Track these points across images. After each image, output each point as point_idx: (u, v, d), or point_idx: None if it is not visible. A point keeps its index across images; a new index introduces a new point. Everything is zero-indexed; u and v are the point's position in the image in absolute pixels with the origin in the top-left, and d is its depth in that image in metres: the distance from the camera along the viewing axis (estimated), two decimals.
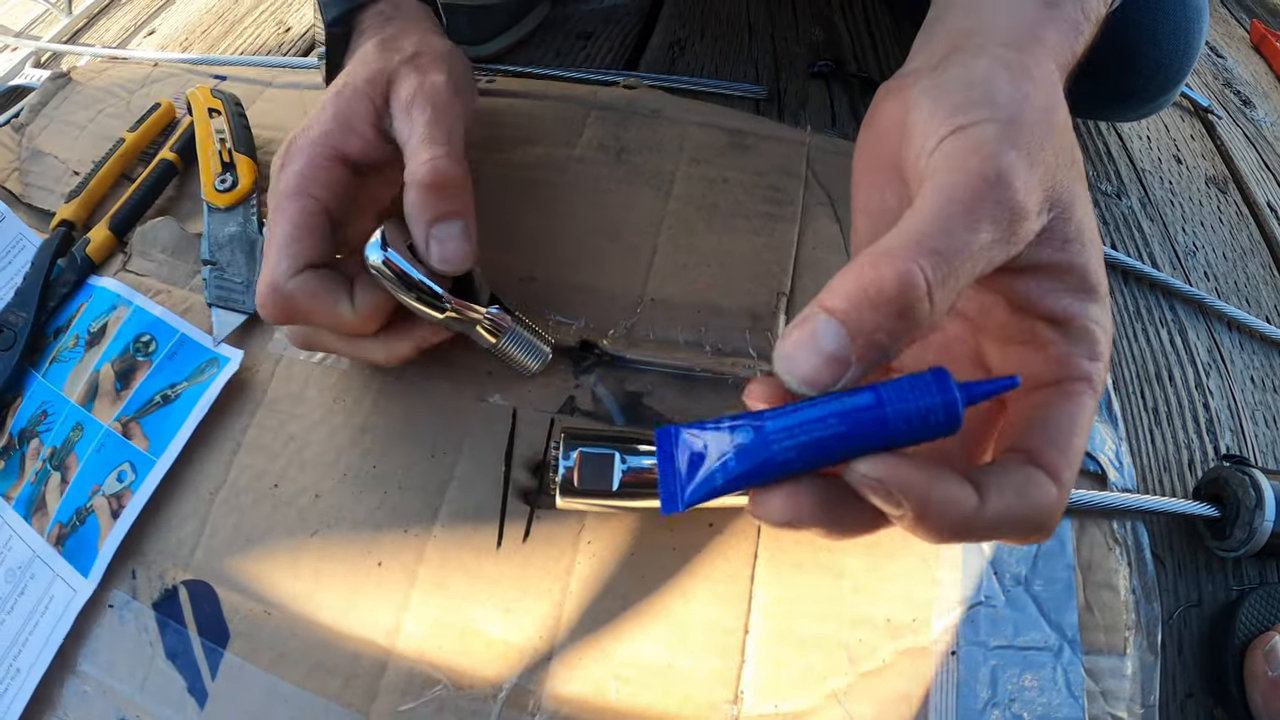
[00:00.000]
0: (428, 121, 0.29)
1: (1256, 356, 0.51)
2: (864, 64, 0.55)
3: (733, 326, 0.33)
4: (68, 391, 0.38)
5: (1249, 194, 0.65)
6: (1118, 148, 0.61)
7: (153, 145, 0.47)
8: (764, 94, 0.48)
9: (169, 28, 0.68)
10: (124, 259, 0.42)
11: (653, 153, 0.37)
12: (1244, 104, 0.80)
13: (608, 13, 0.56)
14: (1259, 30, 0.94)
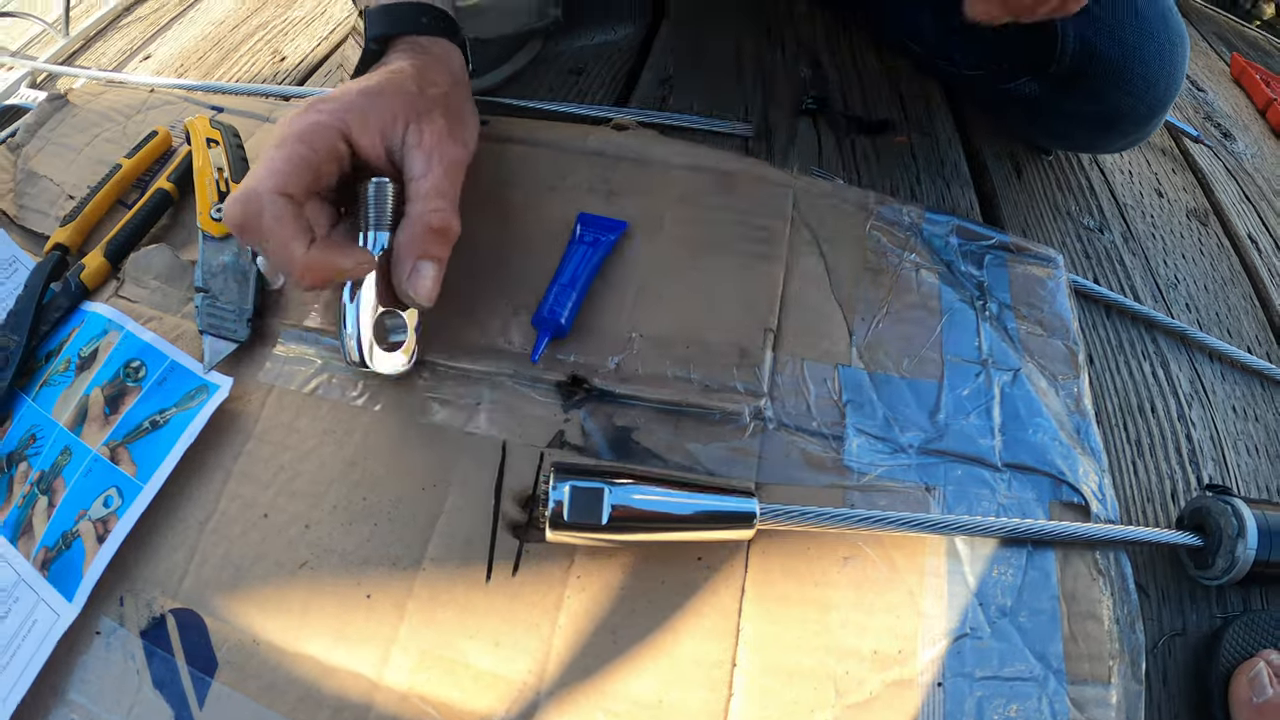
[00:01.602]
0: (443, 173, 0.32)
1: (1238, 386, 0.52)
2: (850, 101, 0.56)
3: (720, 362, 0.33)
4: (57, 415, 0.37)
5: (1230, 226, 0.66)
6: (1100, 183, 0.62)
7: (148, 172, 0.48)
8: (753, 132, 0.49)
9: (165, 53, 0.69)
10: (117, 285, 0.42)
11: (642, 195, 0.38)
12: (1224, 136, 0.81)
13: (599, 49, 0.56)
14: (1239, 63, 0.96)
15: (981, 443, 0.34)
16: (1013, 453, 0.34)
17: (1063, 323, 0.41)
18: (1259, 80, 0.92)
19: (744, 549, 0.29)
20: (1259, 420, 0.51)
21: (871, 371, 0.34)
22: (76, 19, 0.78)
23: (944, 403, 0.34)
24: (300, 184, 0.30)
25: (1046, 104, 0.52)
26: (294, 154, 0.30)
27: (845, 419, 0.33)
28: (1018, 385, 0.37)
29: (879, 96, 0.58)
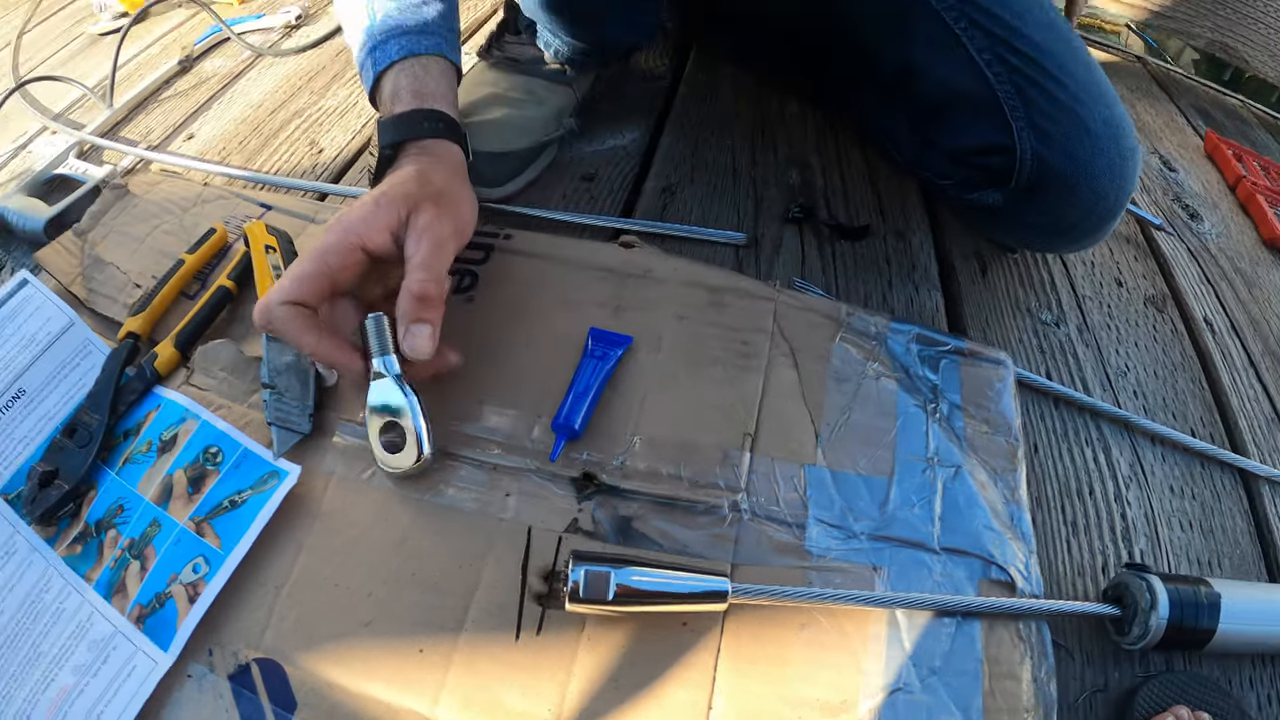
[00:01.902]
0: (429, 250, 0.43)
1: (1178, 467, 0.62)
2: (833, 207, 0.67)
3: (706, 462, 0.43)
4: (142, 490, 0.47)
5: (1187, 309, 0.77)
6: (1061, 276, 0.73)
7: (208, 266, 0.58)
8: (744, 241, 0.60)
9: (207, 133, 0.80)
10: (187, 373, 0.52)
11: (645, 310, 0.48)
12: (1191, 217, 0.92)
13: (608, 154, 0.68)
14: (1212, 140, 1.08)
15: (922, 530, 0.44)
16: (950, 538, 0.45)
17: (1006, 421, 0.51)
18: (1230, 156, 1.04)
19: (720, 617, 0.39)
20: (1195, 498, 0.61)
21: (833, 470, 0.45)
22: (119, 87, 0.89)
23: (892, 496, 0.45)
24: (313, 293, 0.42)
25: (1008, 213, 0.62)
26: (307, 270, 0.42)
27: (808, 510, 0.43)
28: (959, 479, 0.47)
29: (860, 201, 0.69)
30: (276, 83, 0.87)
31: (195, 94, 0.89)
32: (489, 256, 0.52)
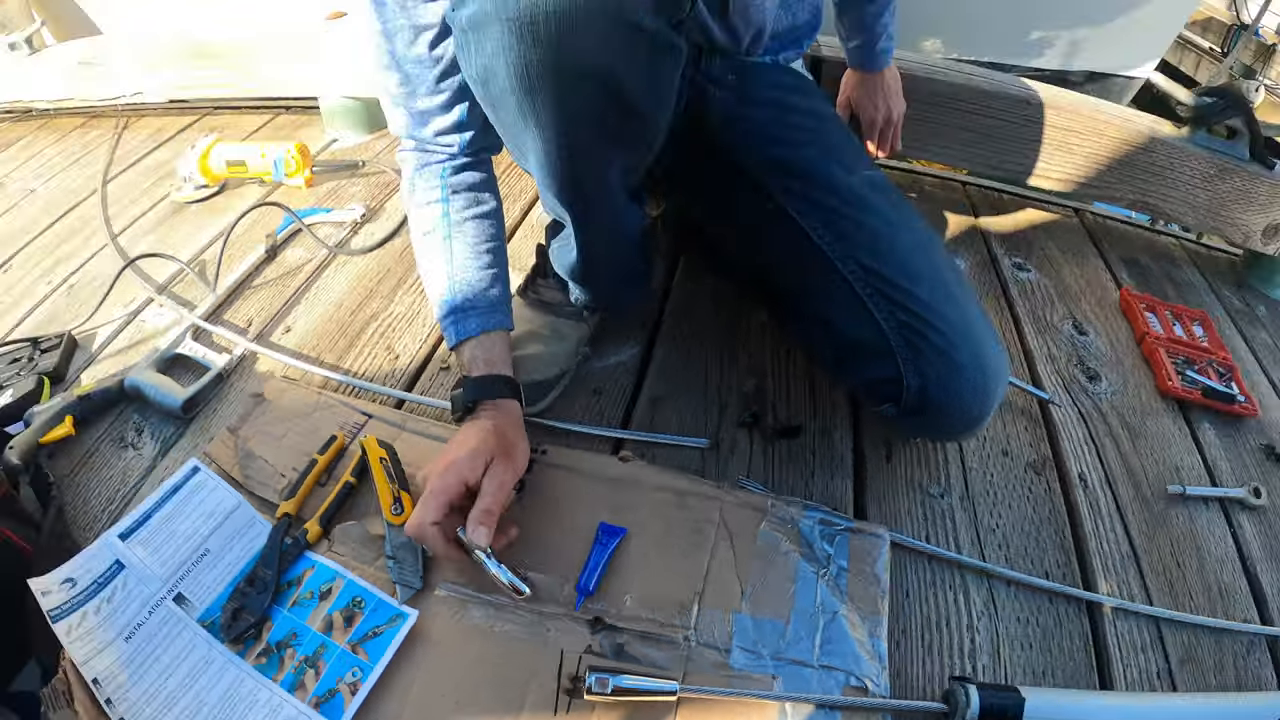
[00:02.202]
0: (495, 488, 0.79)
1: (1027, 601, 0.96)
2: (778, 411, 1.04)
3: (670, 610, 0.79)
4: (310, 623, 0.83)
5: (1064, 468, 1.11)
6: (954, 452, 1.08)
7: (334, 462, 0.95)
8: (707, 445, 0.97)
9: (302, 328, 1.18)
10: (329, 543, 0.88)
11: (634, 510, 0.85)
12: (1090, 380, 1.28)
13: (613, 369, 1.06)
14: (1125, 297, 1.45)
15: (808, 653, 0.80)
16: (826, 659, 0.80)
17: (878, 579, 0.87)
18: (1141, 310, 1.41)
19: (674, 705, 0.74)
20: (1039, 625, 0.94)
21: (752, 616, 0.80)
22: (210, 263, 1.27)
23: (789, 632, 0.80)
24: (440, 514, 0.78)
25: (901, 420, 0.96)
26: (439, 501, 0.78)
27: (733, 641, 0.79)
28: (836, 621, 0.83)
29: (799, 403, 1.06)
30: (351, 282, 1.26)
31: (283, 285, 1.28)
32: (532, 468, 0.89)
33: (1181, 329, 1.40)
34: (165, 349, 1.16)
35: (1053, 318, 1.38)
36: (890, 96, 1.38)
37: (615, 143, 0.78)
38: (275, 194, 1.55)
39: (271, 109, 1.99)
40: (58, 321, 1.30)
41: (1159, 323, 1.41)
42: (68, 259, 1.49)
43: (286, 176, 1.55)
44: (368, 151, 1.74)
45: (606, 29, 0.64)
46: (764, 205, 0.95)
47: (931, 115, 1.52)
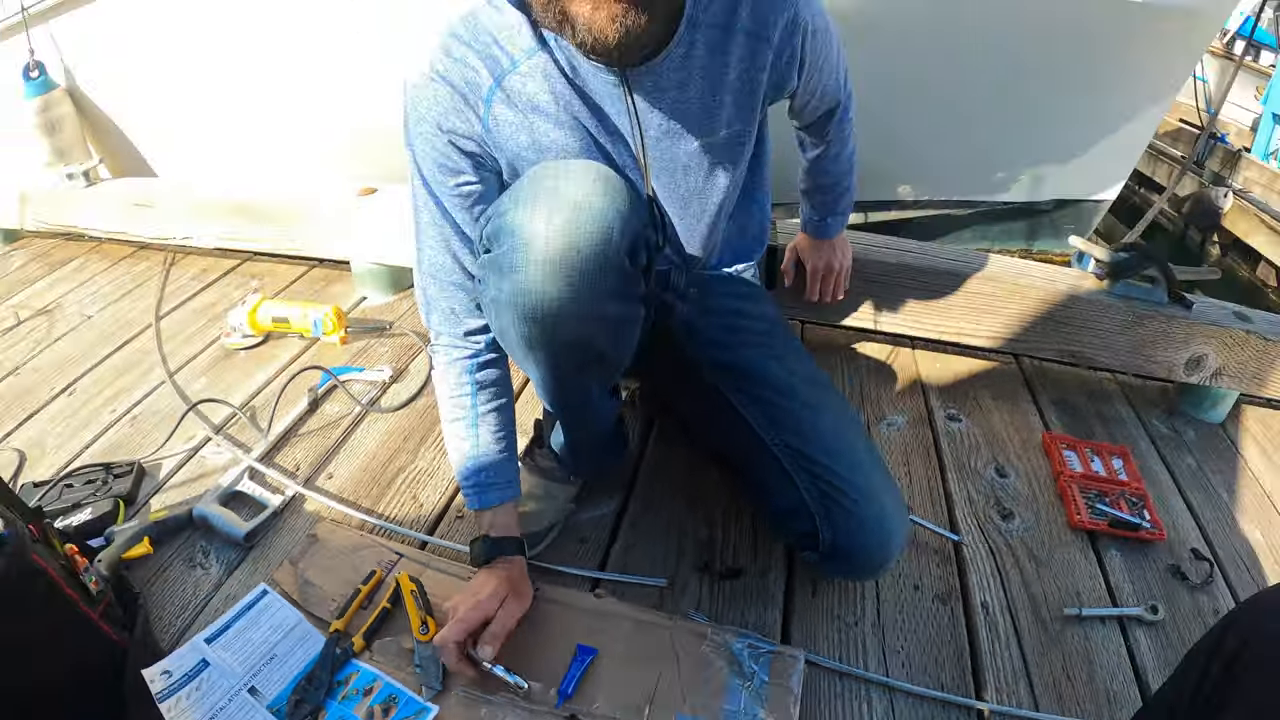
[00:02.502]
0: (503, 620, 1.16)
1: (922, 708, 1.29)
2: (724, 555, 1.40)
3: (629, 711, 1.14)
4: (355, 713, 1.18)
5: (969, 598, 1.43)
6: (870, 588, 1.42)
7: (374, 591, 1.31)
8: (665, 584, 1.33)
9: (342, 475, 1.55)
10: (370, 654, 1.24)
11: (603, 634, 1.21)
12: (1004, 518, 1.61)
13: (596, 520, 1.43)
14: (1047, 439, 1.79)
15: None
16: None
17: (793, 690, 1.21)
18: (1061, 450, 1.75)
19: None
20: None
21: (691, 716, 1.15)
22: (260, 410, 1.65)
23: None
24: (462, 638, 1.14)
25: (821, 565, 1.32)
26: (463, 628, 1.14)
27: None
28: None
29: (743, 549, 1.42)
30: (382, 437, 1.64)
31: (324, 435, 1.66)
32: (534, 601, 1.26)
33: (1100, 464, 1.74)
34: (227, 486, 1.53)
35: (977, 464, 1.73)
36: (834, 253, 1.78)
37: (593, 375, 1.19)
38: (313, 348, 1.97)
39: (307, 263, 2.41)
40: (124, 449, 1.69)
41: (1078, 460, 1.75)
42: (129, 390, 1.90)
43: (324, 334, 1.96)
44: (393, 312, 2.16)
45: (584, 316, 1.04)
46: (716, 400, 1.34)
47: (874, 289, 1.91)
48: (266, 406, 1.75)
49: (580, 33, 0.94)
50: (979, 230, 4.60)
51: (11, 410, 1.87)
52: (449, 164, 1.14)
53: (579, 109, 1.13)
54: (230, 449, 1.63)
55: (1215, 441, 1.91)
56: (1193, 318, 1.86)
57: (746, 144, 1.25)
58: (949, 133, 3.92)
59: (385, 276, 2.24)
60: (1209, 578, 1.50)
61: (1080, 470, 1.71)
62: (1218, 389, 1.94)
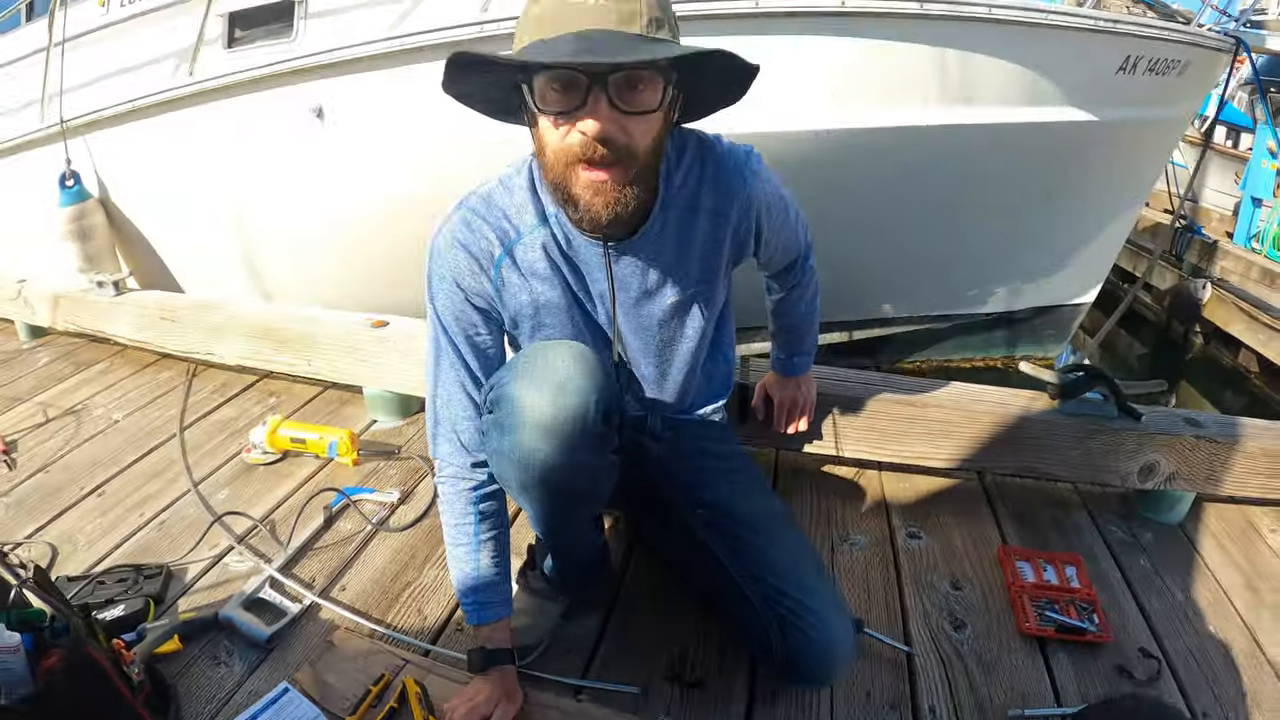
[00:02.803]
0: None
1: None
2: (695, 667, 1.57)
3: None
4: None
5: (918, 704, 1.54)
6: (827, 693, 1.58)
7: (383, 691, 1.48)
8: (639, 691, 1.50)
9: (355, 588, 1.73)
10: None
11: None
12: (956, 628, 1.74)
13: (581, 633, 1.61)
14: (1002, 551, 1.94)
15: None
16: None
17: None
18: (1013, 563, 1.87)
19: None
20: None
21: None
22: (281, 525, 1.83)
23: None
24: None
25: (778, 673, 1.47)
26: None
27: None
28: None
29: (711, 663, 1.58)
30: (390, 555, 1.83)
31: (338, 550, 1.84)
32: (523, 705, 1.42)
33: (1053, 573, 1.86)
34: (251, 593, 1.70)
35: (933, 578, 1.86)
36: (799, 389, 1.98)
37: (576, 512, 1.41)
38: (328, 468, 2.18)
39: (322, 384, 2.64)
40: (152, 552, 1.87)
41: (1031, 571, 1.87)
42: (155, 496, 2.10)
43: (338, 456, 2.17)
44: (402, 436, 2.37)
45: (567, 467, 1.26)
46: (686, 532, 1.53)
47: (837, 419, 2.11)
48: (285, 521, 1.93)
49: (581, 211, 1.20)
50: (960, 341, 4.83)
51: (43, 505, 2.07)
52: (465, 316, 1.38)
53: (569, 274, 1.38)
54: (252, 558, 1.81)
55: (1173, 542, 2.01)
56: (1143, 428, 2.00)
57: (712, 304, 1.49)
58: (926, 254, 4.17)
59: (395, 402, 2.45)
60: (1156, 675, 1.59)
61: (1032, 580, 1.84)
62: (1174, 492, 2.05)
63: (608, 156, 1.14)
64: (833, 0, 3.06)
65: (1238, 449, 2.01)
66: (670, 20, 1.16)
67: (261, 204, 3.60)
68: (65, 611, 1.31)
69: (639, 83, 1.13)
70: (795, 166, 3.08)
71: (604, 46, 1.08)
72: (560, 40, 1.09)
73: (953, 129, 3.44)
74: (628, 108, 1.13)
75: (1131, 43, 3.57)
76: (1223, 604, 1.80)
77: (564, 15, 1.10)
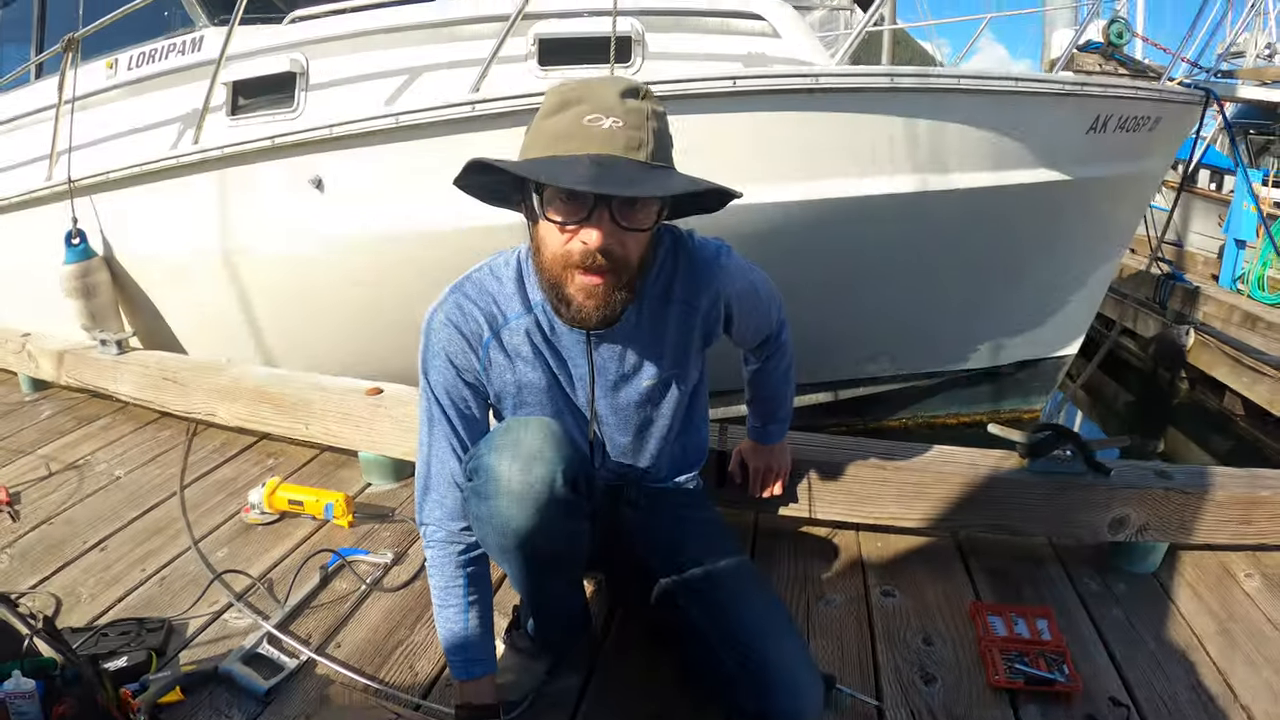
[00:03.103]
0: None
1: None
2: None
3: None
4: None
5: None
6: None
7: None
8: None
9: (349, 644, 1.80)
10: None
11: None
12: (926, 683, 1.78)
13: (563, 690, 1.68)
14: (973, 609, 2.01)
15: None
16: None
17: None
18: (985, 617, 1.92)
19: None
20: None
21: None
22: (279, 584, 1.91)
23: None
24: None
25: None
26: None
27: None
28: None
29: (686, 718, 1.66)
30: (383, 614, 1.91)
31: (334, 609, 1.92)
32: None
33: (1025, 626, 1.91)
34: (250, 648, 1.77)
35: (906, 634, 1.92)
36: (774, 456, 2.07)
37: (553, 573, 1.50)
38: (324, 529, 2.26)
39: (319, 447, 2.74)
40: (153, 607, 1.95)
41: (1002, 625, 1.92)
42: (157, 553, 2.18)
43: (334, 518, 2.26)
44: (395, 499, 2.47)
45: (540, 532, 1.36)
46: (662, 594, 1.61)
47: (812, 483, 2.20)
48: (283, 579, 2.01)
49: (573, 311, 1.33)
50: (946, 397, 4.92)
51: (46, 558, 2.16)
52: (456, 390, 1.49)
53: (551, 359, 1.50)
54: (251, 614, 1.89)
55: (1147, 592, 2.05)
56: (1112, 483, 2.06)
57: (685, 383, 1.60)
58: (906, 315, 4.27)
59: (389, 466, 2.54)
60: None
61: (1003, 634, 1.88)
62: (1146, 543, 2.09)
63: (604, 265, 1.27)
64: (805, 79, 3.19)
65: (1208, 498, 2.07)
66: (669, 145, 1.29)
67: (261, 269, 3.71)
68: (74, 660, 1.40)
69: (639, 204, 1.27)
70: (773, 236, 3.25)
71: (618, 175, 1.20)
72: (577, 161, 1.20)
73: (926, 196, 3.55)
74: (627, 225, 1.26)
75: (1100, 103, 3.68)
76: (1196, 650, 1.84)
77: (579, 136, 1.21)
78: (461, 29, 3.58)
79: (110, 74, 4.15)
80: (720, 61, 3.52)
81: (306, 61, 3.65)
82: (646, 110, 1.24)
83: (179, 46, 3.96)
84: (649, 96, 1.27)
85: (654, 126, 1.24)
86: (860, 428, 4.81)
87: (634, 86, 1.25)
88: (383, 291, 3.65)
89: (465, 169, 1.28)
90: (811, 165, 3.38)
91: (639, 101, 1.24)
